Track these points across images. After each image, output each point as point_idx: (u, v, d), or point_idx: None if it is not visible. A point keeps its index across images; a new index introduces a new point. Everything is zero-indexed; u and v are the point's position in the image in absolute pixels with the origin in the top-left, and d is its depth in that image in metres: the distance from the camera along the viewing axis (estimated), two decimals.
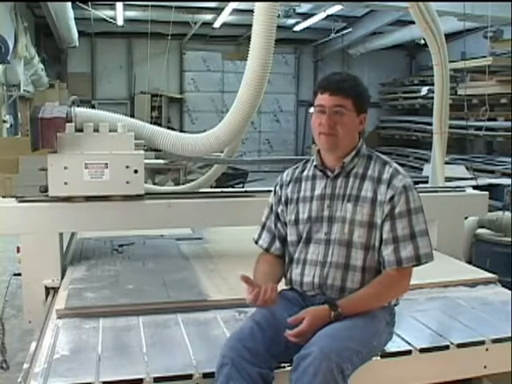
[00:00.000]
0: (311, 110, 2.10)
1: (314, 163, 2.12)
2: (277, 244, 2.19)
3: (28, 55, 8.71)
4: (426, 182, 4.50)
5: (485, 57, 9.98)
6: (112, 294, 2.57)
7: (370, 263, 2.00)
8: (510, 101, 10.04)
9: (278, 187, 2.22)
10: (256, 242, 2.24)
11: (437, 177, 4.14)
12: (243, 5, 10.61)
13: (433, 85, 4.36)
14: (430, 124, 4.39)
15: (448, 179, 4.73)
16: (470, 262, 3.85)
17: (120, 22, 12.06)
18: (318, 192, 2.08)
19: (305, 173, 2.16)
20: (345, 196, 2.03)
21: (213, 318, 2.39)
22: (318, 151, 2.11)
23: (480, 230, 4.62)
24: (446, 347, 2.15)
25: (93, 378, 1.85)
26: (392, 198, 1.97)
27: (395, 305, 2.13)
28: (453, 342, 2.17)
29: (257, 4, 2.75)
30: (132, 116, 3.63)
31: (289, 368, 1.87)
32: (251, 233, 2.28)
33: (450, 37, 6.99)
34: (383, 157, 2.10)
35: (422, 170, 10.15)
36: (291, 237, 2.14)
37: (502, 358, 2.18)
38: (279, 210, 2.18)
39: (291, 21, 12.72)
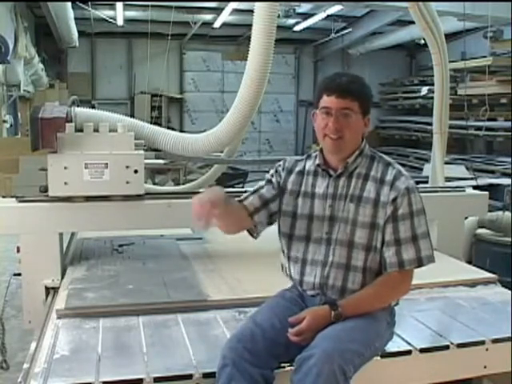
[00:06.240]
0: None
1: (317, 162, 2.09)
2: (264, 213, 2.09)
3: (28, 55, 8.70)
4: (426, 182, 4.50)
5: (485, 57, 9.98)
6: (112, 294, 2.57)
7: (371, 264, 1.99)
8: (510, 101, 10.03)
9: (280, 168, 2.16)
10: (240, 201, 2.13)
11: (437, 177, 4.13)
12: (243, 5, 10.61)
13: (433, 85, 4.35)
14: (430, 124, 4.39)
15: (448, 179, 4.73)
16: (470, 262, 3.84)
17: (120, 22, 12.06)
18: (319, 191, 2.06)
19: (307, 167, 2.13)
20: (347, 196, 2.02)
21: (213, 318, 2.39)
22: (321, 150, 2.09)
23: (480, 230, 4.61)
24: (446, 347, 2.15)
25: (93, 378, 1.85)
26: (395, 199, 1.95)
27: (395, 305, 2.13)
28: (453, 341, 2.17)
29: (257, 4, 2.75)
30: (132, 116, 3.62)
31: (289, 368, 1.88)
32: None
33: (450, 37, 6.99)
34: (386, 157, 2.08)
35: (422, 169, 10.14)
36: (283, 228, 2.12)
37: (502, 358, 2.18)
38: (274, 181, 2.13)
39: (291, 21, 12.70)
